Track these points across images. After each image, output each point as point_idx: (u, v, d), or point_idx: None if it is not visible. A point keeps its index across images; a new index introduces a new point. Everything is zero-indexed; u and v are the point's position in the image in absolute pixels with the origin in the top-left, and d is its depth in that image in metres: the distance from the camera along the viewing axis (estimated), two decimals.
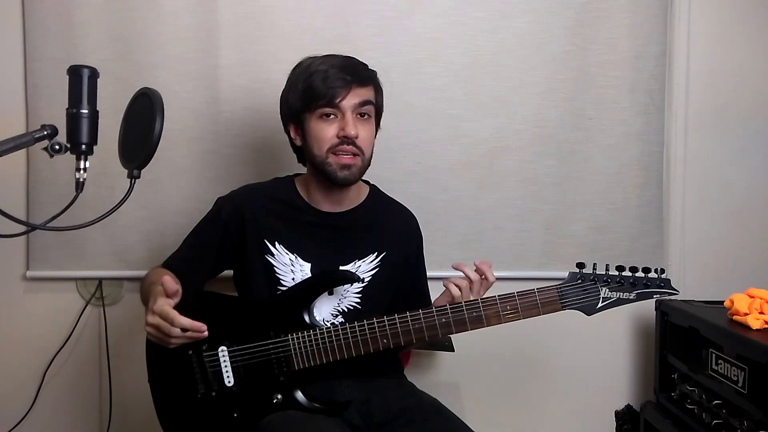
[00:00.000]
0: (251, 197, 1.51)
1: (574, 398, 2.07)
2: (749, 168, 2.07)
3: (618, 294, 1.29)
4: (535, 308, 1.29)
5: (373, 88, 1.44)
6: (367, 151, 1.42)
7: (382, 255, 1.49)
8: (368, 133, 1.42)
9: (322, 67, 1.39)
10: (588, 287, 1.29)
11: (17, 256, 2.00)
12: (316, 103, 1.38)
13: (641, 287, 1.29)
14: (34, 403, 2.02)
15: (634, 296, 1.29)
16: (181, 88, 1.92)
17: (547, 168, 1.99)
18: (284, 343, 1.35)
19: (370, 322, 1.33)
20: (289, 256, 1.45)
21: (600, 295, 1.29)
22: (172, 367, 1.39)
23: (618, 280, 1.29)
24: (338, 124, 1.38)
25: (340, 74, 1.37)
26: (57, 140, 1.00)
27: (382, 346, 1.33)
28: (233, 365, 1.36)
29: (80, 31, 1.90)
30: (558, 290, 1.29)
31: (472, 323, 1.31)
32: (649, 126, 1.99)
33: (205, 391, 1.37)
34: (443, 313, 1.31)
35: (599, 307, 1.29)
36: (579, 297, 1.29)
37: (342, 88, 1.37)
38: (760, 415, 1.39)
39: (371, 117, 1.43)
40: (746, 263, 2.07)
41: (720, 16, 2.04)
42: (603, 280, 1.29)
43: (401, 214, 1.59)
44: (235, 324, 1.39)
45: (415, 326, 1.32)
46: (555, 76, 1.96)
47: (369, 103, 1.41)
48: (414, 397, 1.47)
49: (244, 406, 1.36)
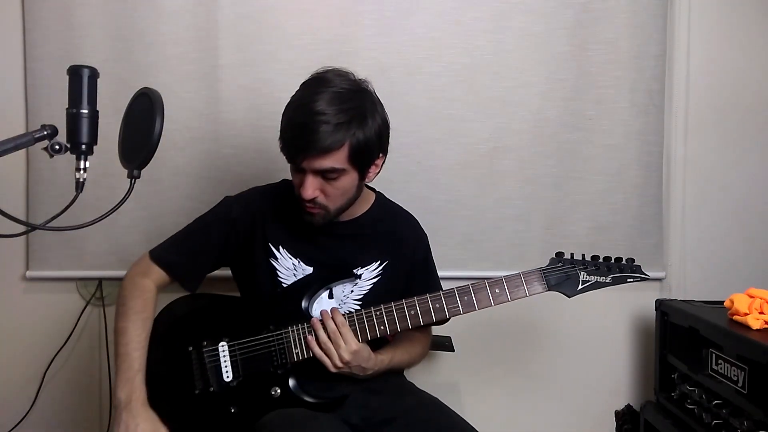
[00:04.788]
0: (262, 201, 1.50)
1: (574, 398, 2.08)
2: (749, 168, 2.07)
3: (595, 278, 1.40)
4: (521, 289, 1.38)
5: (347, 147, 1.29)
6: (334, 203, 1.36)
7: (385, 263, 1.49)
8: (336, 189, 1.34)
9: (294, 115, 1.32)
10: (568, 271, 1.40)
11: (17, 256, 2.00)
12: (285, 154, 1.35)
13: (615, 272, 1.41)
14: (34, 403, 2.02)
15: (609, 279, 1.41)
16: (181, 88, 1.92)
17: (547, 168, 1.99)
18: (284, 336, 1.37)
19: (367, 311, 1.37)
20: (292, 260, 1.46)
21: (579, 278, 1.39)
22: (170, 365, 1.39)
23: (594, 266, 1.41)
24: (301, 178, 1.33)
25: (294, 140, 1.29)
26: (57, 140, 1.00)
27: (380, 333, 1.36)
28: (232, 360, 1.38)
29: (80, 31, 1.91)
30: (541, 272, 1.39)
31: (464, 307, 1.38)
32: (649, 126, 1.99)
33: (203, 388, 1.37)
34: (436, 299, 1.38)
35: (579, 288, 1.39)
36: (560, 279, 1.39)
37: (298, 154, 1.30)
38: (760, 415, 1.39)
39: (342, 175, 1.32)
40: (746, 263, 2.07)
41: (720, 16, 2.04)
42: (581, 265, 1.41)
43: (406, 221, 1.59)
44: (236, 321, 1.41)
45: (411, 312, 1.37)
46: (555, 76, 1.96)
47: (332, 171, 1.30)
48: (414, 396, 1.47)
49: (242, 401, 1.37)
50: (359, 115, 1.31)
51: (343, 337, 1.33)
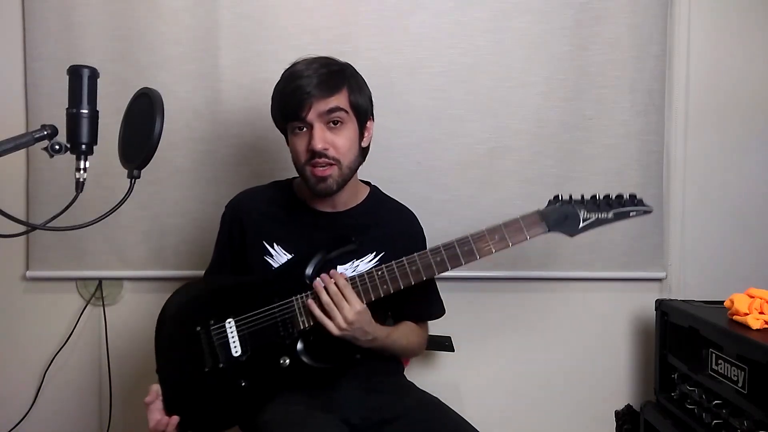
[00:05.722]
0: (249, 200, 1.55)
1: (574, 398, 2.07)
2: (749, 168, 2.07)
3: (596, 215, 1.34)
4: (521, 233, 1.34)
5: (347, 89, 1.41)
6: (344, 157, 1.41)
7: (381, 255, 1.49)
8: (343, 139, 1.40)
9: (289, 80, 1.41)
10: (567, 210, 1.34)
11: (17, 256, 2.00)
12: (286, 118, 1.43)
13: (617, 206, 1.35)
14: (34, 403, 2.02)
15: (611, 215, 1.34)
16: (181, 88, 1.92)
17: (547, 168, 1.98)
18: (289, 305, 1.37)
19: (369, 272, 1.36)
20: (287, 256, 1.47)
21: (580, 216, 1.34)
22: (181, 349, 1.41)
23: (594, 203, 1.35)
24: (308, 137, 1.39)
25: (299, 89, 1.37)
26: (57, 140, 1.00)
27: (383, 292, 1.35)
28: (240, 335, 1.38)
29: (80, 31, 1.91)
30: (540, 214, 1.35)
31: (465, 256, 1.35)
32: (649, 126, 1.99)
33: (213, 364, 1.38)
34: (437, 253, 1.35)
35: (581, 227, 1.34)
36: (560, 219, 1.34)
37: (303, 102, 1.36)
38: (760, 415, 1.38)
39: (346, 122, 1.41)
40: (746, 263, 2.07)
41: (720, 16, 2.04)
42: (579, 202, 1.35)
43: (401, 213, 1.60)
44: (241, 298, 1.41)
45: (413, 268, 1.35)
46: (555, 76, 1.96)
47: (338, 110, 1.38)
48: (414, 396, 1.47)
49: (252, 373, 1.37)
50: (348, 68, 1.46)
51: (346, 298, 1.32)
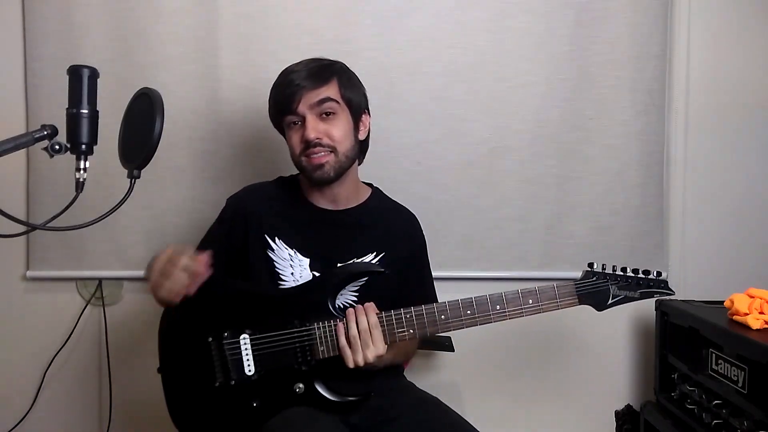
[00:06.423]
0: (253, 195, 1.55)
1: (574, 398, 2.08)
2: (749, 168, 2.07)
3: (625, 293, 1.39)
4: (554, 302, 1.36)
5: (336, 82, 1.44)
6: (340, 145, 1.43)
7: (381, 255, 1.49)
8: (337, 129, 1.43)
9: (281, 76, 1.46)
10: (600, 285, 1.38)
11: (17, 256, 2.00)
12: (280, 113, 1.46)
13: (644, 287, 1.39)
14: (34, 403, 2.02)
15: (638, 295, 1.39)
16: (181, 88, 1.92)
17: (547, 168, 1.99)
18: (309, 332, 1.34)
19: (396, 313, 1.33)
20: (288, 251, 1.47)
21: (610, 292, 1.38)
22: (189, 355, 1.38)
23: (626, 280, 1.39)
24: (303, 129, 1.42)
25: (290, 82, 1.41)
26: (57, 140, 1.00)
27: (408, 336, 1.34)
28: (255, 353, 1.35)
29: (80, 31, 1.91)
30: (575, 286, 1.37)
31: (496, 317, 1.35)
32: (649, 126, 1.99)
33: (224, 380, 1.35)
34: (468, 304, 1.34)
35: (609, 303, 1.38)
36: (592, 293, 1.37)
37: (294, 94, 1.40)
38: (760, 415, 1.39)
39: (338, 113, 1.43)
40: (746, 263, 2.07)
41: (720, 16, 2.04)
42: (613, 279, 1.39)
43: (402, 215, 1.60)
44: (257, 312, 1.38)
45: (441, 317, 1.33)
46: (555, 76, 1.96)
47: (328, 100, 1.41)
48: (414, 396, 1.47)
49: (265, 395, 1.35)
50: (339, 63, 1.49)
51: (372, 338, 1.31)
